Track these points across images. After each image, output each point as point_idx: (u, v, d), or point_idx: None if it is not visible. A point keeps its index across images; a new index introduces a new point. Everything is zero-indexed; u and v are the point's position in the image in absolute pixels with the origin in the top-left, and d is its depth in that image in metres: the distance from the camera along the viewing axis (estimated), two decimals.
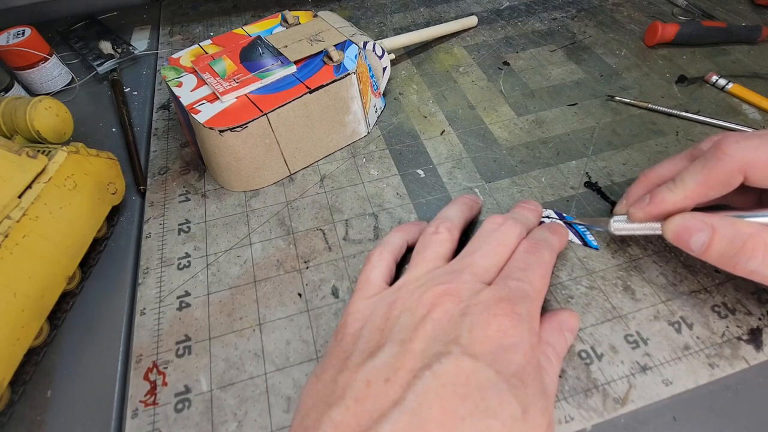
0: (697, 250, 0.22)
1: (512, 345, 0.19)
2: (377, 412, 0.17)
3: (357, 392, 0.18)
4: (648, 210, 0.24)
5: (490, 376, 0.18)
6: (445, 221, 0.26)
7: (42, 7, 0.53)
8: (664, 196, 0.23)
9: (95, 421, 0.23)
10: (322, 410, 0.18)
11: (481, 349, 0.19)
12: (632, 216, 0.24)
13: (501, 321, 0.19)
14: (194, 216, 0.32)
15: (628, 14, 0.49)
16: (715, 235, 0.21)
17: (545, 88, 0.40)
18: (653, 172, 0.26)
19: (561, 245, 0.25)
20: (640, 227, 0.25)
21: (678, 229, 0.22)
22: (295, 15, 0.38)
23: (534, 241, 0.24)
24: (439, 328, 0.20)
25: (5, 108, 0.29)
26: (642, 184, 0.26)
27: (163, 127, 0.39)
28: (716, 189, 0.22)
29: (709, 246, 0.21)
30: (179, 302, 0.27)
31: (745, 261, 0.21)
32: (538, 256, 0.23)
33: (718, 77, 0.39)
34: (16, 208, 0.24)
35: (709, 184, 0.22)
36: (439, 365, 0.18)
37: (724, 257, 0.21)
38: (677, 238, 0.22)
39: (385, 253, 0.25)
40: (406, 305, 0.21)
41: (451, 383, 0.18)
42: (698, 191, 0.22)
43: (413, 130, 0.37)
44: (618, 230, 0.25)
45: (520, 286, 0.21)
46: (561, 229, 0.26)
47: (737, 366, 0.23)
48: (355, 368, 0.19)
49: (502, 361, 0.18)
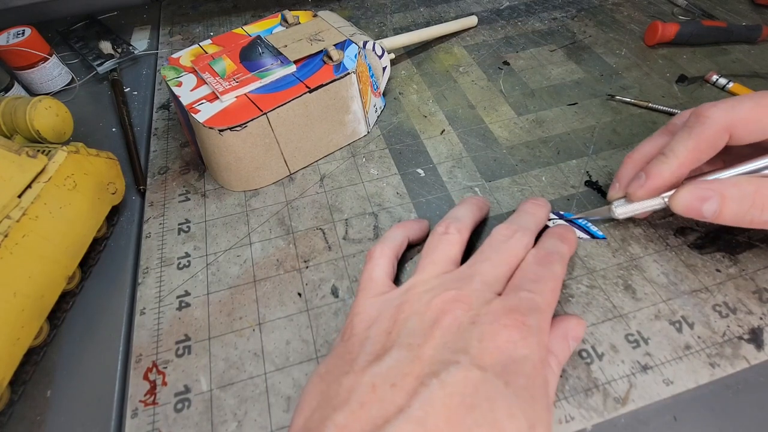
0: (710, 216, 0.22)
1: (521, 357, 0.19)
2: (381, 418, 0.17)
3: (362, 396, 0.18)
4: (647, 186, 0.24)
5: (499, 388, 0.17)
6: (455, 221, 0.25)
7: (42, 7, 0.53)
8: (659, 169, 0.24)
9: (95, 421, 0.23)
10: (326, 412, 0.18)
11: (490, 360, 0.18)
12: (632, 196, 0.25)
13: (510, 332, 0.19)
14: (194, 216, 0.32)
15: (628, 14, 0.49)
16: (724, 199, 0.22)
17: (545, 88, 0.40)
18: (637, 152, 0.27)
19: (570, 252, 0.25)
20: (642, 206, 0.25)
21: (687, 200, 0.23)
22: (295, 15, 0.38)
23: (545, 252, 0.23)
24: (449, 335, 0.19)
25: (5, 108, 0.29)
26: (629, 166, 0.27)
27: (163, 127, 0.39)
28: (706, 152, 0.23)
29: (721, 210, 0.22)
30: (179, 302, 0.27)
31: (759, 214, 0.21)
32: (549, 268, 0.22)
33: (718, 77, 0.39)
34: (16, 207, 0.24)
35: (700, 148, 0.23)
36: (447, 373, 0.18)
37: (738, 216, 0.22)
38: (688, 209, 0.23)
39: (386, 250, 0.25)
40: (414, 309, 0.21)
41: (458, 393, 0.17)
42: (690, 157, 0.23)
43: (413, 130, 0.37)
44: (621, 214, 0.25)
45: (531, 297, 0.21)
46: (570, 235, 0.26)
47: (738, 365, 0.23)
48: (360, 371, 0.19)
49: (511, 373, 0.18)
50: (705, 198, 0.22)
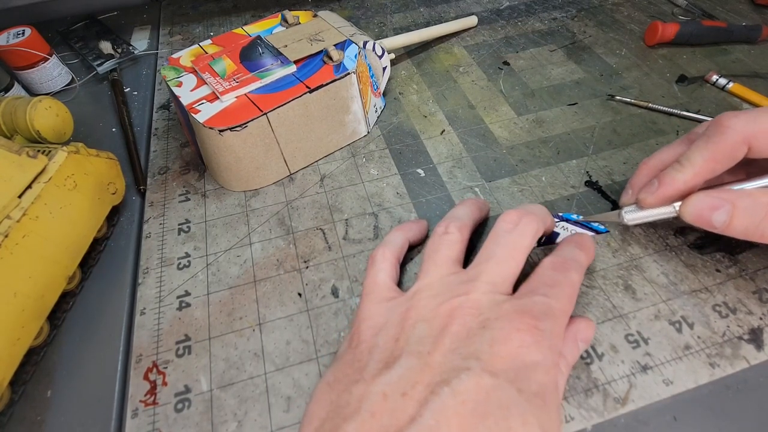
0: (719, 226, 0.22)
1: (534, 363, 0.18)
2: (393, 428, 0.17)
3: (373, 406, 0.18)
4: (659, 193, 0.23)
5: (512, 395, 0.17)
6: (454, 221, 0.25)
7: (42, 7, 0.53)
8: (673, 177, 0.23)
9: (95, 421, 0.23)
10: (336, 422, 0.18)
11: (502, 366, 0.18)
12: (643, 202, 0.24)
13: (523, 336, 0.18)
14: (194, 216, 0.32)
15: (628, 14, 0.49)
16: (735, 209, 0.21)
17: (545, 88, 0.40)
18: (654, 159, 0.26)
19: (588, 261, 0.24)
20: (652, 213, 0.24)
21: (697, 209, 0.22)
22: (295, 15, 0.38)
23: (562, 259, 0.22)
24: (458, 341, 0.19)
25: (5, 108, 0.29)
26: (644, 172, 0.26)
27: (163, 127, 0.39)
28: (723, 163, 0.22)
29: (731, 220, 0.21)
30: (179, 302, 0.27)
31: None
32: (566, 275, 0.22)
33: (718, 77, 0.39)
34: (16, 208, 0.24)
35: (717, 159, 0.22)
36: (458, 381, 0.17)
37: (748, 229, 0.21)
38: (698, 218, 0.22)
39: (388, 253, 0.25)
40: (421, 315, 0.20)
41: (470, 400, 0.17)
42: (706, 167, 0.22)
43: (413, 130, 0.37)
44: (631, 220, 0.25)
45: (545, 302, 0.20)
46: (589, 244, 0.25)
47: (738, 366, 0.23)
48: (370, 379, 0.19)
49: (523, 380, 0.18)
50: (716, 207, 0.21)
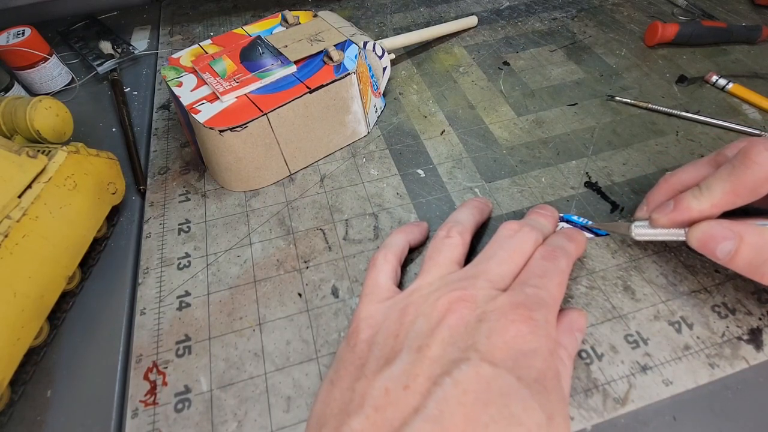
0: (723, 258, 0.21)
1: (531, 350, 0.19)
2: (398, 420, 0.17)
3: (376, 400, 0.18)
4: (672, 216, 0.23)
5: (512, 383, 0.17)
6: (456, 225, 0.25)
7: (42, 7, 0.53)
8: (689, 203, 0.22)
9: (95, 421, 0.23)
10: (341, 419, 0.18)
11: (501, 356, 0.18)
12: (655, 222, 0.24)
13: (519, 327, 0.19)
14: (194, 216, 0.32)
15: (628, 14, 0.49)
16: (742, 243, 0.21)
17: (545, 88, 0.40)
18: (675, 177, 0.26)
19: (578, 253, 0.25)
20: (662, 233, 0.24)
21: (703, 236, 0.22)
22: (295, 15, 0.38)
23: (551, 248, 0.23)
24: (456, 334, 0.19)
25: (5, 108, 0.29)
26: (663, 190, 0.26)
27: (163, 127, 0.39)
28: (743, 197, 0.22)
29: (735, 254, 0.21)
30: (179, 302, 0.27)
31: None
32: (555, 263, 0.22)
33: (718, 77, 0.39)
34: (16, 208, 0.24)
35: (737, 193, 0.21)
36: (458, 371, 0.18)
37: (751, 266, 0.21)
38: (703, 246, 0.22)
39: (389, 255, 0.25)
40: (420, 310, 0.21)
41: (472, 390, 0.17)
42: (725, 200, 0.22)
43: (413, 130, 0.37)
44: (639, 236, 0.25)
45: (536, 292, 0.20)
46: (578, 236, 0.25)
47: (737, 366, 0.23)
48: (372, 375, 0.19)
49: (522, 367, 0.18)
50: (723, 238, 0.21)
